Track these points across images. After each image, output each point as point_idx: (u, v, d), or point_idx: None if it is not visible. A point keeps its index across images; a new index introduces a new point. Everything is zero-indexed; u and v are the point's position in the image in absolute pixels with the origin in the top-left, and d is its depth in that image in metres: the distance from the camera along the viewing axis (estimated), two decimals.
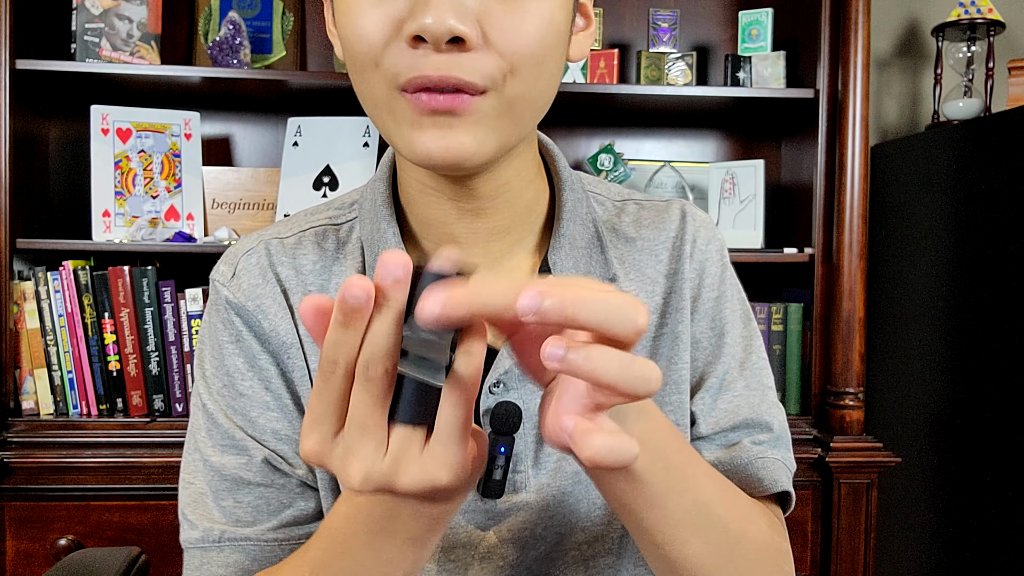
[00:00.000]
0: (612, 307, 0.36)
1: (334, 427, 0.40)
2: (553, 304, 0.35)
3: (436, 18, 0.48)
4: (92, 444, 1.52)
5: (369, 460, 0.39)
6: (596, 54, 1.75)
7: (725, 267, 0.70)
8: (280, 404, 0.63)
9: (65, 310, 1.56)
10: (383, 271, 0.36)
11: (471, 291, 0.36)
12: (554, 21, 0.53)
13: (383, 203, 0.64)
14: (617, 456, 0.37)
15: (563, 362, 0.35)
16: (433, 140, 0.52)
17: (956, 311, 1.66)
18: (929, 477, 1.74)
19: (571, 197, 0.66)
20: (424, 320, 0.36)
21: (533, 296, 0.35)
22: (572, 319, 0.35)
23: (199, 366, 0.66)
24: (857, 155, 1.60)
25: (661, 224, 0.69)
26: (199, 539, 0.61)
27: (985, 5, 1.78)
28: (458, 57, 0.50)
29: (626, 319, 0.36)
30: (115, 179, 1.65)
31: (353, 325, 0.37)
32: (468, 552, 0.62)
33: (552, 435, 0.41)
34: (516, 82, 0.52)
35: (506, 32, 0.51)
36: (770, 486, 0.64)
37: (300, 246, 0.66)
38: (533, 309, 0.35)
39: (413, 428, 0.40)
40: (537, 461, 0.63)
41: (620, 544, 0.65)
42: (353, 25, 0.52)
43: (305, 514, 0.63)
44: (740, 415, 0.66)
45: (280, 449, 0.63)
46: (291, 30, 1.77)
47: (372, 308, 0.37)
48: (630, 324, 0.36)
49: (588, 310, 0.35)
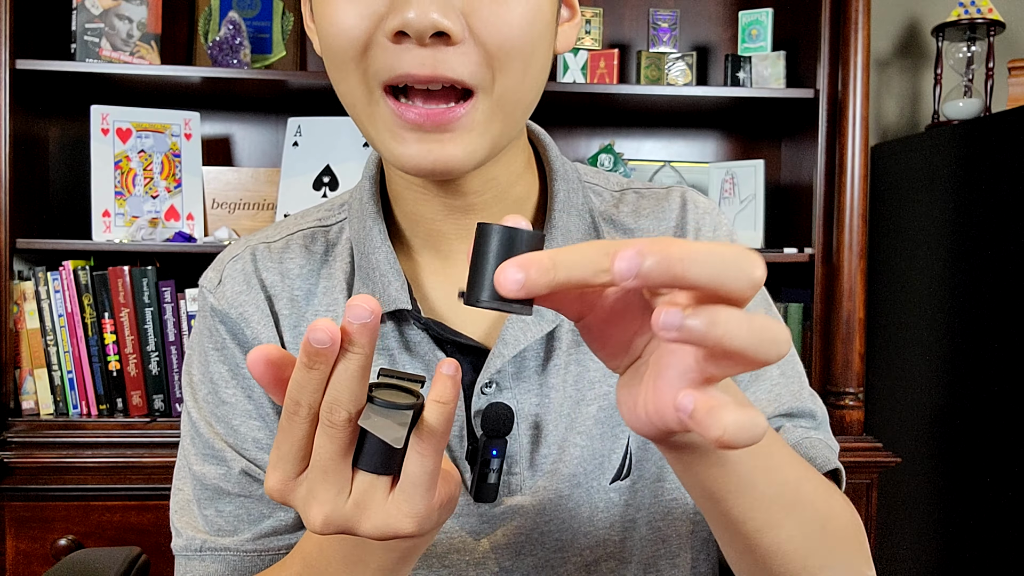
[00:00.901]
0: (727, 260, 0.31)
1: (297, 467, 0.39)
2: (657, 262, 0.30)
3: (419, 11, 0.46)
4: (92, 444, 1.52)
5: (330, 504, 0.38)
6: (596, 54, 1.75)
7: None
8: (262, 413, 0.63)
9: (65, 310, 1.56)
10: (350, 314, 0.34)
11: (556, 258, 0.32)
12: (540, 11, 0.51)
13: (369, 201, 0.63)
14: (750, 432, 0.32)
15: (683, 330, 0.30)
16: (420, 153, 0.51)
17: (956, 311, 1.66)
18: (929, 477, 1.74)
19: (564, 188, 0.63)
20: (505, 290, 0.32)
21: (632, 256, 0.30)
22: (681, 278, 0.31)
23: (187, 372, 0.66)
24: (857, 155, 1.60)
25: (661, 213, 0.67)
26: (183, 547, 0.62)
27: (985, 5, 1.78)
28: (443, 52, 0.48)
29: (742, 272, 0.31)
30: (115, 179, 1.65)
31: (317, 368, 0.35)
32: (462, 558, 0.61)
33: (654, 418, 0.37)
34: (504, 78, 0.51)
35: (491, 24, 0.49)
36: (823, 464, 0.62)
37: (287, 250, 0.65)
38: (634, 271, 0.30)
39: (377, 476, 0.38)
40: (532, 463, 0.61)
41: (624, 549, 0.63)
42: (331, 20, 0.50)
43: (284, 524, 0.62)
44: (782, 404, 0.64)
45: (260, 459, 0.62)
46: (291, 30, 1.77)
47: (337, 352, 0.35)
48: (746, 279, 0.31)
49: (700, 265, 0.31)
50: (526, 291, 0.32)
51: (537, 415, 0.61)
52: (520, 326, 0.59)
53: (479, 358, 0.60)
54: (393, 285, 0.60)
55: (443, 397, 0.37)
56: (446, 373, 0.37)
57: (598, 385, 0.62)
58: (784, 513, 0.47)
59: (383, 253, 0.61)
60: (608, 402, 0.63)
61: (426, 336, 0.60)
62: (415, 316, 0.59)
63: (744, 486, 0.45)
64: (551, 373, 0.61)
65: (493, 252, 0.34)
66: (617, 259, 0.31)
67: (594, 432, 0.62)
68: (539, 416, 0.61)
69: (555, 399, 0.61)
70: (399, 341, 0.61)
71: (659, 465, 0.64)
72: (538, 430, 0.61)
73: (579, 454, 0.61)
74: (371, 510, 0.39)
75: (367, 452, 0.38)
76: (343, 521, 0.39)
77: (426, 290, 0.63)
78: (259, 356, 0.37)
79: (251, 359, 0.37)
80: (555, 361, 0.62)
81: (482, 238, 0.35)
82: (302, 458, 0.38)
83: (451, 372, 0.37)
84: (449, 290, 0.63)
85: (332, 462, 0.37)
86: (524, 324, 0.59)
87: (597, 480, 0.62)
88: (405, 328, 0.61)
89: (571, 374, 0.62)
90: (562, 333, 0.62)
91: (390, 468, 0.38)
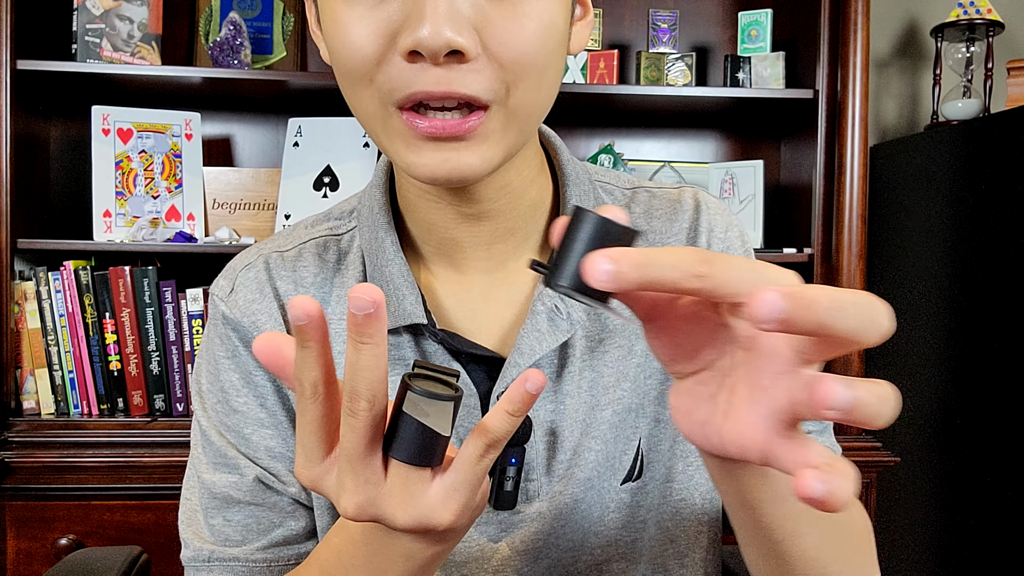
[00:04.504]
0: (866, 310, 0.30)
1: (316, 451, 0.39)
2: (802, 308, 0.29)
3: (433, 30, 0.45)
4: (93, 444, 1.52)
5: (362, 494, 0.38)
6: (596, 54, 1.75)
7: (749, 253, 0.68)
8: (275, 421, 0.62)
9: (66, 310, 1.57)
10: (353, 305, 0.34)
11: (649, 255, 0.32)
12: (554, 23, 0.51)
13: (380, 210, 0.63)
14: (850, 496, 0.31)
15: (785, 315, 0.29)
16: (435, 161, 0.50)
17: (956, 311, 1.66)
18: (928, 477, 1.75)
19: (576, 191, 0.63)
20: (593, 280, 0.31)
21: (775, 300, 0.29)
22: (825, 327, 0.30)
23: (196, 381, 0.65)
24: (856, 155, 1.60)
25: (673, 214, 0.66)
26: (191, 558, 0.62)
27: (984, 5, 1.78)
28: (458, 70, 0.48)
29: (876, 324, 0.31)
30: (116, 179, 1.66)
31: (307, 345, 0.35)
32: (480, 565, 0.61)
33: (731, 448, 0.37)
34: (519, 92, 0.50)
35: (506, 42, 0.49)
36: None
37: (300, 259, 0.65)
38: (775, 315, 0.29)
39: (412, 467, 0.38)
40: (549, 469, 0.61)
41: (634, 548, 0.63)
42: (344, 38, 0.49)
43: (295, 534, 0.62)
44: None
45: (273, 467, 0.62)
46: (291, 30, 1.78)
47: (322, 330, 0.35)
48: (878, 330, 0.31)
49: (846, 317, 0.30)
50: (615, 284, 0.32)
51: (553, 422, 0.61)
52: (535, 335, 0.59)
53: (494, 367, 0.60)
54: (408, 299, 0.59)
55: (517, 411, 0.37)
56: (530, 390, 0.37)
57: (612, 390, 0.62)
58: (809, 523, 0.48)
59: (396, 266, 0.61)
60: (622, 406, 0.63)
61: (441, 347, 0.60)
62: (430, 330, 0.59)
63: (780, 497, 0.45)
64: (566, 380, 0.61)
65: (585, 240, 0.33)
66: (758, 301, 0.30)
67: (608, 436, 0.62)
68: (555, 423, 0.61)
69: (570, 406, 0.61)
70: (415, 352, 0.61)
71: (668, 466, 0.64)
72: (554, 437, 0.61)
73: (594, 458, 0.62)
74: (408, 501, 0.38)
75: (402, 441, 0.37)
76: (376, 510, 0.39)
77: (440, 299, 0.63)
78: (264, 341, 0.38)
79: (257, 345, 0.38)
80: (570, 368, 0.61)
81: (576, 224, 0.33)
82: (319, 440, 0.38)
83: (534, 390, 0.37)
84: (463, 299, 0.63)
85: (357, 452, 0.37)
86: (539, 334, 0.59)
87: (609, 482, 0.62)
88: (421, 340, 0.61)
89: (586, 380, 0.62)
90: (576, 341, 0.62)
91: (425, 458, 0.37)
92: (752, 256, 0.68)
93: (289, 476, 0.62)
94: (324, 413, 0.38)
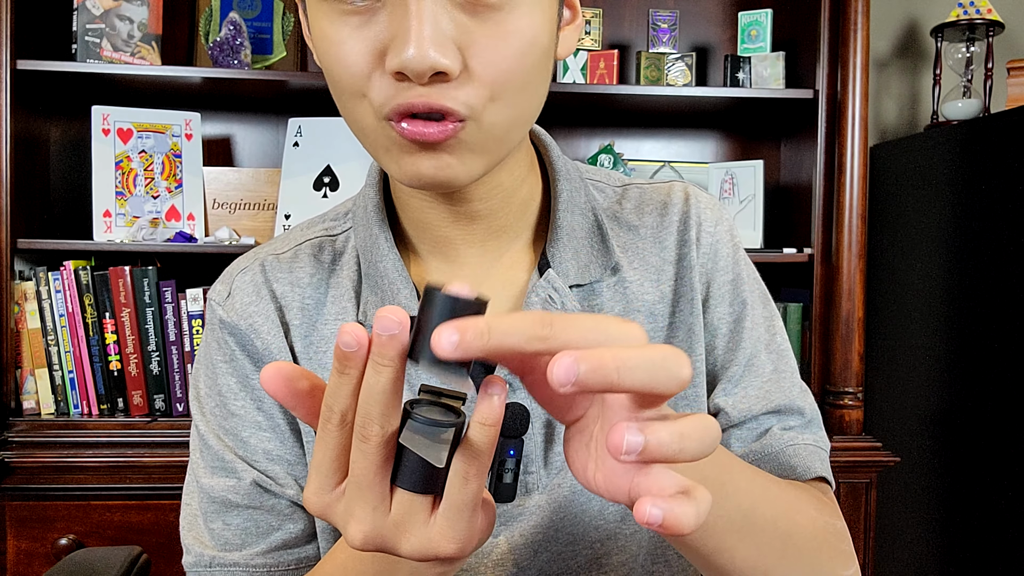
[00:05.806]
0: (656, 365, 0.33)
1: (331, 479, 0.38)
2: (593, 370, 0.32)
3: (418, 53, 0.47)
4: (93, 444, 1.52)
5: (369, 522, 0.38)
6: (596, 54, 1.75)
7: (737, 248, 0.68)
8: (273, 424, 0.63)
9: (66, 310, 1.57)
10: (379, 325, 0.34)
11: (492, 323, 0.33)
12: (537, 39, 0.52)
13: (374, 209, 0.64)
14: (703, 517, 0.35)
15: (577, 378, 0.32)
16: (424, 166, 0.52)
17: (955, 311, 1.66)
18: (928, 477, 1.75)
19: (567, 187, 0.64)
20: (440, 352, 0.33)
21: (569, 366, 0.32)
22: (617, 385, 0.32)
23: (194, 386, 0.66)
24: (856, 155, 1.60)
25: (664, 209, 0.68)
26: (193, 564, 0.62)
27: (984, 5, 1.78)
28: (441, 88, 0.49)
29: (671, 376, 0.33)
30: (116, 179, 1.66)
31: (347, 372, 0.35)
32: (481, 560, 0.61)
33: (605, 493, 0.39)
34: (496, 107, 0.51)
35: (489, 61, 0.50)
36: (803, 473, 0.63)
37: (296, 260, 0.66)
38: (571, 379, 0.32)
39: (416, 495, 0.38)
40: (547, 461, 0.62)
41: (633, 541, 0.64)
42: (335, 56, 0.51)
43: (294, 537, 0.62)
44: (772, 400, 0.65)
45: (271, 470, 0.62)
46: (291, 30, 1.78)
47: (365, 356, 0.35)
48: (675, 381, 0.34)
49: (633, 372, 0.33)
50: (462, 353, 0.33)
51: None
52: None
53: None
54: (403, 293, 0.61)
55: (488, 419, 0.36)
56: (491, 394, 0.36)
57: None
58: (737, 538, 0.50)
59: (391, 261, 0.62)
60: None
61: None
62: None
63: None
64: None
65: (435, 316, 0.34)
66: (555, 366, 0.32)
67: None
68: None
69: None
70: None
71: None
72: (551, 428, 0.62)
73: None
74: (412, 531, 0.38)
75: (406, 470, 0.37)
76: (382, 540, 0.38)
77: None
78: (273, 371, 0.37)
79: (265, 375, 0.37)
80: None
81: (427, 302, 0.35)
82: (336, 470, 0.38)
83: (497, 392, 0.36)
84: None
85: (367, 478, 0.37)
86: None
87: None
88: None
89: None
90: None
91: (430, 487, 0.37)
92: (741, 250, 0.69)
93: (287, 478, 0.63)
94: (346, 443, 0.37)
